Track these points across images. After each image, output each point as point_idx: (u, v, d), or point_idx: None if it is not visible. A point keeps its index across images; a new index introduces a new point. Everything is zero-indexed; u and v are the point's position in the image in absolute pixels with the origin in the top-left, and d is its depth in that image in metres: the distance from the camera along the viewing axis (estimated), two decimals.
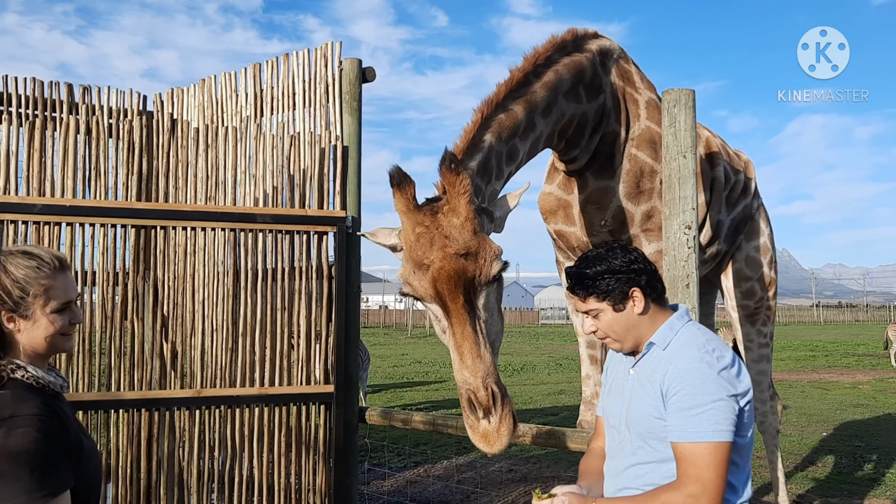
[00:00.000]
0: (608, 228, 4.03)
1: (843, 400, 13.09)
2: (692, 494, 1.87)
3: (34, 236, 4.01)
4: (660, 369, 2.01)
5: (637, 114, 4.03)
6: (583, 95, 3.72)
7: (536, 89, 3.40)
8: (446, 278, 2.56)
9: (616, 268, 2.06)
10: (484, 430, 2.45)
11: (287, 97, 4.96)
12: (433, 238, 2.63)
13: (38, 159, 4.07)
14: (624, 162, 3.96)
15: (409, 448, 8.37)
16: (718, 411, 1.89)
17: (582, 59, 3.69)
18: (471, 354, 2.50)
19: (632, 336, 2.10)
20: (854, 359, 22.75)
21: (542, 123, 3.46)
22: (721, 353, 1.98)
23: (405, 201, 2.70)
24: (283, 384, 4.39)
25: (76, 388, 4.08)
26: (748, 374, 2.02)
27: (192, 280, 4.30)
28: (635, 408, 2.06)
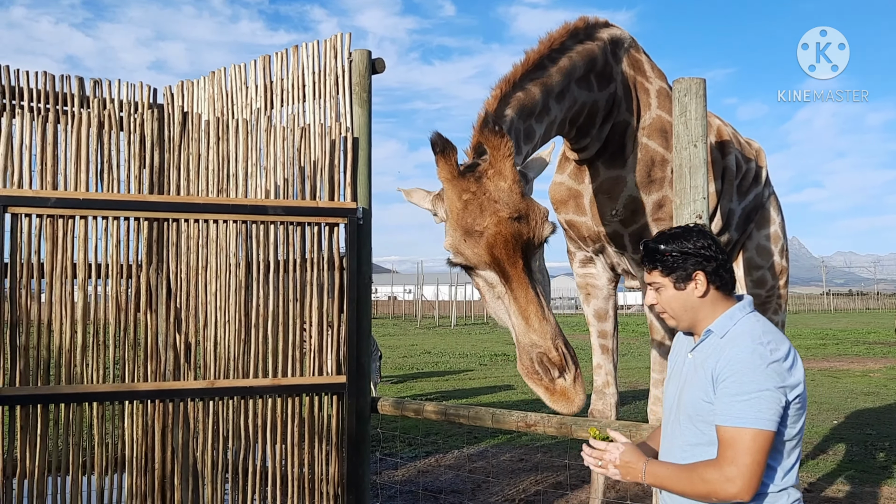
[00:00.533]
0: (619, 218, 4.04)
1: (853, 388, 13.06)
2: (728, 476, 1.95)
3: (48, 229, 4.04)
4: (714, 356, 2.08)
5: (648, 103, 4.02)
6: (594, 84, 3.72)
7: (552, 73, 3.38)
8: (503, 243, 2.52)
9: (686, 249, 2.13)
10: (562, 388, 2.44)
11: (297, 89, 4.97)
12: (482, 204, 2.58)
13: (50, 153, 4.09)
14: (635, 151, 3.96)
15: (421, 438, 8.41)
16: (763, 400, 1.95)
17: (594, 48, 3.68)
18: (537, 317, 2.49)
19: (688, 316, 2.17)
20: (865, 347, 22.66)
21: (556, 108, 3.46)
22: (776, 345, 2.04)
23: (449, 168, 2.63)
24: (296, 375, 4.42)
25: (91, 379, 4.12)
26: (802, 368, 2.07)
27: (204, 272, 4.33)
28: (688, 391, 2.14)
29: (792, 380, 2.01)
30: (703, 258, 2.13)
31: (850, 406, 11.01)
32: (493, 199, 2.59)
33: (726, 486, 1.95)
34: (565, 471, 6.82)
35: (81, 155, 4.15)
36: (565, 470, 6.84)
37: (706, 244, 2.15)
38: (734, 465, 1.95)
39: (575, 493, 6.25)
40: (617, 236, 4.13)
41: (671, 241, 2.16)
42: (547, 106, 3.39)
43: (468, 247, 2.59)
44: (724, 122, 4.79)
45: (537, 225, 2.62)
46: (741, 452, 1.95)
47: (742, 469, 1.94)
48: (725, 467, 1.96)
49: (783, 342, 2.07)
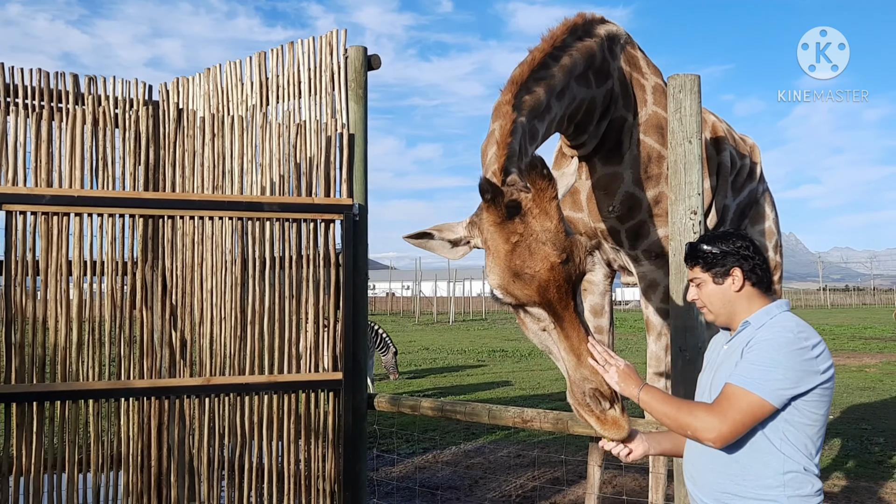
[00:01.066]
0: (616, 214, 4.04)
1: (849, 383, 13.09)
2: (712, 423, 2.12)
3: (43, 227, 4.04)
4: (747, 339, 2.24)
5: (644, 99, 4.02)
6: (592, 80, 3.72)
7: (555, 72, 3.39)
8: (556, 287, 2.56)
9: (726, 248, 2.31)
10: (613, 418, 2.49)
11: (292, 85, 4.96)
12: (531, 246, 2.59)
13: (45, 150, 4.08)
14: (632, 147, 3.96)
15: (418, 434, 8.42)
16: (773, 372, 2.09)
17: (592, 45, 3.68)
18: (588, 354, 2.53)
19: (726, 311, 2.33)
20: (861, 342, 22.72)
21: (556, 106, 3.46)
22: (809, 337, 2.16)
23: (497, 214, 2.64)
24: (292, 372, 4.42)
25: (87, 376, 4.12)
26: (831, 363, 2.19)
27: (200, 269, 4.32)
28: (719, 374, 2.29)
29: (817, 368, 2.13)
30: (740, 256, 2.29)
31: (846, 401, 11.04)
32: (540, 240, 2.59)
33: (707, 430, 2.12)
34: (562, 466, 6.84)
35: (76, 152, 4.14)
36: (562, 466, 6.85)
37: (744, 245, 2.31)
38: (722, 415, 2.11)
39: (572, 489, 6.26)
40: (614, 232, 4.14)
41: (713, 242, 2.34)
42: (549, 105, 3.39)
43: (518, 288, 2.60)
44: (718, 119, 4.79)
45: (581, 262, 2.63)
46: (733, 408, 2.10)
47: (727, 422, 2.10)
48: (714, 414, 2.12)
49: (815, 336, 2.19)
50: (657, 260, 4.04)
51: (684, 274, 3.24)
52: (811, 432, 2.19)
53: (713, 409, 2.14)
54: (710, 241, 2.36)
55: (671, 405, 2.24)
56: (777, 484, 2.15)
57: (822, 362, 2.15)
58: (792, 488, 2.15)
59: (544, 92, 3.30)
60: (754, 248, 2.33)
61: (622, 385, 2.35)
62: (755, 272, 2.30)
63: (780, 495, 2.15)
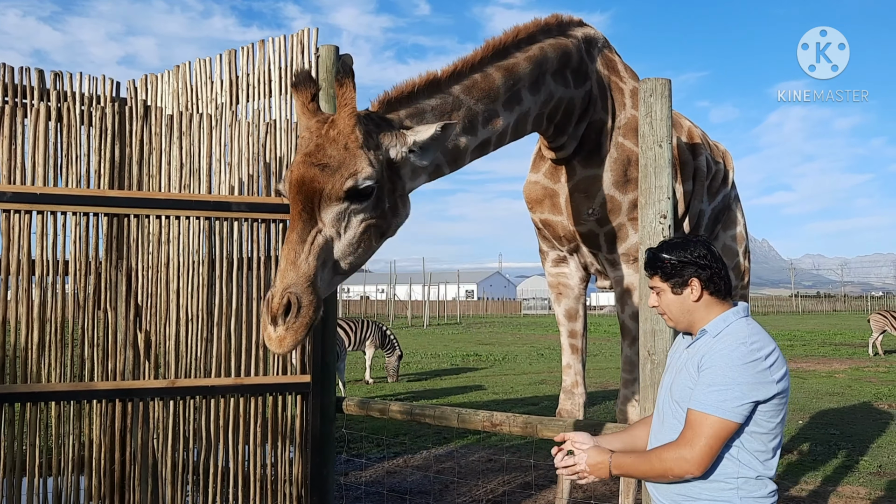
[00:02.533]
0: (595, 217, 4.03)
1: (818, 388, 13.25)
2: (683, 455, 2.15)
3: (3, 224, 3.94)
4: (703, 351, 2.27)
5: (623, 102, 4.03)
6: (570, 80, 3.72)
7: (519, 60, 3.37)
8: (296, 184, 2.57)
9: (684, 258, 2.32)
10: (268, 335, 2.47)
11: (263, 84, 4.90)
12: (306, 145, 2.64)
13: (7, 146, 4.00)
14: (611, 150, 3.97)
15: (388, 438, 8.36)
16: (729, 392, 2.12)
17: (567, 44, 3.68)
18: (286, 260, 2.50)
19: (685, 319, 2.37)
20: (831, 348, 23.03)
21: (529, 100, 3.44)
22: (759, 346, 2.18)
23: (300, 105, 2.73)
24: (259, 374, 4.36)
25: (48, 378, 4.03)
26: (785, 369, 2.21)
27: (166, 269, 4.25)
28: (679, 379, 2.34)
29: (771, 378, 2.15)
30: (698, 266, 2.31)
31: (815, 406, 11.16)
32: (317, 142, 2.61)
33: (680, 464, 2.15)
34: (533, 471, 6.82)
35: (39, 148, 4.06)
36: (533, 470, 6.84)
37: (702, 254, 2.32)
38: (689, 445, 2.14)
39: (542, 494, 6.25)
40: (592, 235, 4.13)
41: (671, 251, 2.35)
42: (517, 95, 3.37)
43: (284, 180, 2.68)
44: (693, 125, 4.82)
45: (340, 177, 2.57)
46: (699, 435, 2.14)
47: (696, 450, 2.14)
48: (682, 447, 2.16)
49: (769, 344, 2.21)
50: (634, 264, 4.04)
51: None
52: (766, 440, 2.21)
53: (680, 443, 2.17)
54: (670, 249, 2.37)
55: (642, 460, 2.27)
56: (730, 487, 2.19)
57: (776, 371, 2.17)
58: (746, 490, 2.20)
59: (501, 76, 3.28)
60: (712, 257, 2.34)
61: (601, 475, 2.30)
62: (713, 281, 2.32)
63: (734, 496, 2.19)
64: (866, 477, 6.95)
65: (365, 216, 2.68)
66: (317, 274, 2.54)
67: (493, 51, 3.31)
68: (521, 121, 3.47)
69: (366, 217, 2.68)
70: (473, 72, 3.21)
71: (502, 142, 3.42)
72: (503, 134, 3.38)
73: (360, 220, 2.67)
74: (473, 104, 3.17)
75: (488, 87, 3.23)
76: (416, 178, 2.97)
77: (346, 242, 2.65)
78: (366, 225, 2.68)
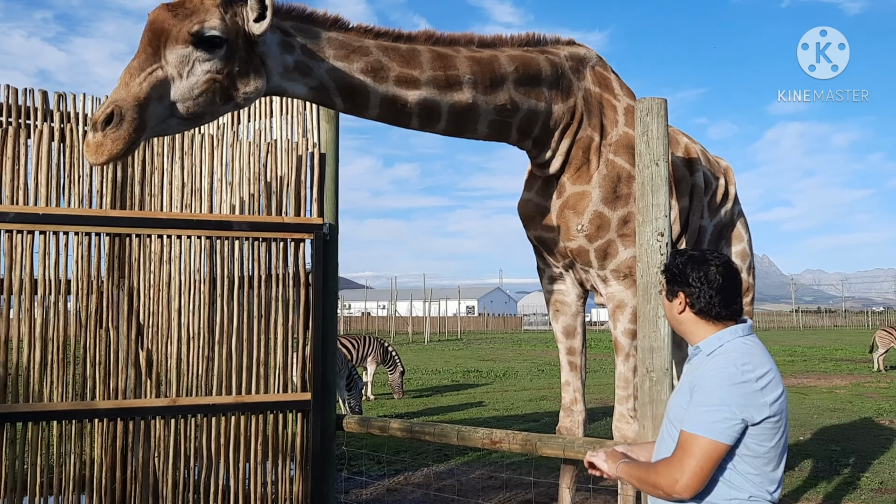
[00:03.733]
0: (585, 233, 4.07)
1: (820, 404, 13.22)
2: (673, 476, 2.17)
3: (6, 244, 3.98)
4: (697, 370, 2.29)
5: (615, 119, 4.08)
6: (546, 94, 3.82)
7: (460, 56, 3.56)
8: (149, 23, 2.83)
9: (682, 270, 2.35)
10: (87, 143, 2.76)
11: (264, 104, 4.95)
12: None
13: (10, 167, 4.04)
14: (601, 167, 4.01)
15: (389, 456, 8.34)
16: (719, 413, 2.13)
17: (537, 58, 3.81)
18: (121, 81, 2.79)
19: (675, 326, 2.43)
20: (832, 364, 22.98)
21: (476, 97, 3.58)
22: (752, 367, 2.18)
23: None
24: (260, 392, 4.37)
25: (50, 397, 4.04)
26: (779, 390, 2.20)
27: (167, 288, 4.28)
28: (675, 397, 2.38)
29: (762, 400, 2.14)
30: (687, 284, 2.33)
31: (816, 422, 11.14)
32: None
33: (670, 484, 2.16)
34: (533, 488, 6.81)
35: (42, 169, 4.10)
36: (533, 487, 6.82)
37: (697, 276, 2.32)
38: (680, 466, 2.15)
39: None
40: (583, 252, 4.16)
41: (677, 258, 2.39)
42: (455, 82, 3.51)
43: None
44: (692, 140, 4.85)
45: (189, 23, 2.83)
46: (689, 456, 2.15)
47: (686, 472, 2.14)
48: (673, 468, 2.17)
49: (763, 365, 2.20)
50: (625, 280, 4.07)
51: (651, 295, 3.27)
52: (760, 463, 2.20)
53: (671, 463, 2.19)
54: (679, 257, 2.40)
55: (640, 469, 2.31)
56: None
57: (768, 393, 2.16)
58: None
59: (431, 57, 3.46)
60: (706, 280, 2.32)
61: (608, 462, 2.44)
62: (699, 301, 2.32)
63: None
64: (868, 493, 6.93)
65: (210, 68, 2.92)
66: (148, 102, 2.80)
67: (435, 38, 3.56)
68: (465, 114, 3.60)
69: (210, 69, 2.92)
70: (400, 41, 3.45)
71: (434, 120, 3.57)
72: (430, 109, 3.50)
73: (204, 71, 2.91)
74: (385, 60, 3.35)
75: (409, 57, 3.42)
76: (290, 77, 3.20)
77: (187, 86, 2.89)
78: (209, 77, 2.92)
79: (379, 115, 3.46)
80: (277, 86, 3.17)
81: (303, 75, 3.19)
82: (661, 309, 3.25)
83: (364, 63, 3.29)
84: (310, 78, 3.21)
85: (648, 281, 3.27)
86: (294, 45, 3.12)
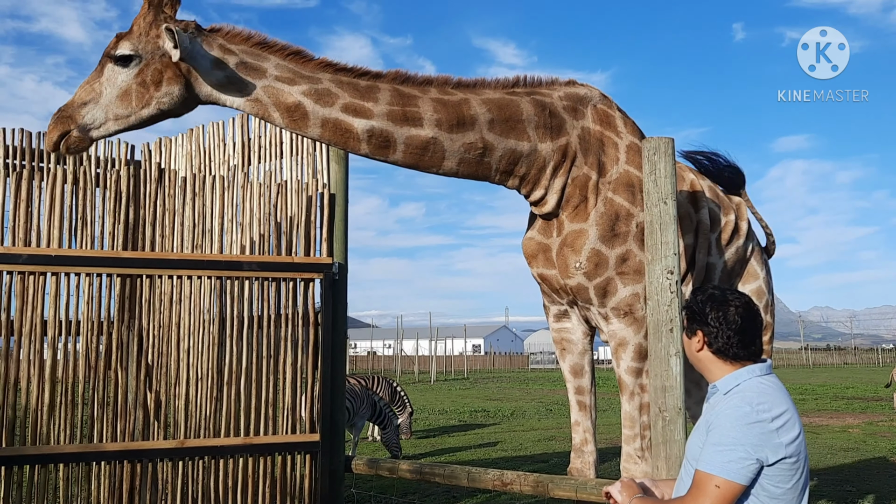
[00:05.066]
0: (583, 271, 4.07)
1: (832, 444, 13.04)
2: None
3: (18, 286, 4.00)
4: (714, 409, 2.29)
5: (616, 157, 4.10)
6: (530, 134, 3.91)
7: (427, 98, 3.75)
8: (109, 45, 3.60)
9: (702, 309, 2.35)
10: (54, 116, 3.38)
11: (274, 146, 5.01)
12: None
13: (24, 209, 4.08)
14: (598, 205, 4.03)
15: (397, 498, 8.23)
16: (733, 453, 2.13)
17: (517, 101, 3.92)
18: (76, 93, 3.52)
19: (694, 363, 2.43)
20: (843, 402, 22.71)
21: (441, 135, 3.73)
22: (767, 407, 2.18)
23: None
24: (269, 433, 4.34)
25: (57, 439, 4.02)
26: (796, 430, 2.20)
27: (177, 328, 4.28)
28: (693, 436, 2.39)
29: (778, 440, 2.14)
30: (705, 323, 2.34)
31: (829, 462, 10.98)
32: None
33: None
34: None
35: (55, 211, 4.14)
36: None
37: (716, 316, 2.32)
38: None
39: None
40: (582, 289, 4.15)
41: (697, 296, 2.40)
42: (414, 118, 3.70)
43: None
44: (699, 176, 4.83)
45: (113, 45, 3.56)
46: (703, 495, 2.15)
47: None
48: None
49: (779, 405, 2.20)
50: (626, 318, 4.05)
51: (662, 333, 3.26)
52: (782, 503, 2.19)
53: (685, 501, 2.19)
54: (699, 295, 2.41)
55: None
56: None
57: (784, 433, 2.16)
58: None
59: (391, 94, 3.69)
60: (724, 320, 2.33)
61: (623, 494, 2.44)
62: (717, 341, 2.32)
63: None
64: None
65: (125, 79, 3.56)
66: (87, 104, 3.53)
67: (404, 77, 3.80)
68: (426, 148, 3.74)
69: (126, 80, 3.56)
70: (365, 77, 3.75)
71: (388, 150, 3.73)
72: (382, 138, 3.69)
73: (122, 80, 3.56)
74: (335, 89, 3.67)
75: (366, 90, 3.70)
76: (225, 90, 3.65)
77: (112, 94, 3.55)
78: (126, 86, 3.55)
79: (322, 135, 3.73)
80: (210, 95, 3.68)
81: (238, 90, 3.66)
82: (672, 347, 3.24)
83: (308, 87, 3.67)
84: (244, 93, 3.66)
85: (659, 319, 3.27)
86: (227, 64, 3.61)
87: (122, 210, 4.31)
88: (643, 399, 3.98)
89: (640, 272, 3.97)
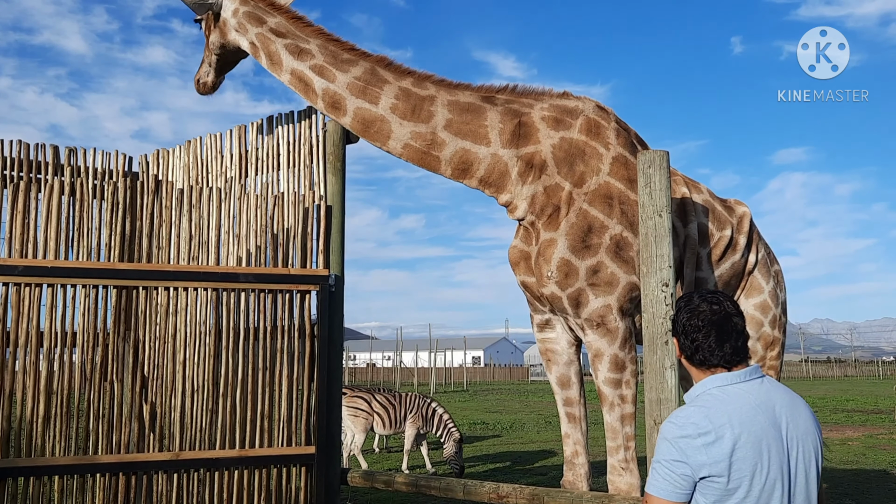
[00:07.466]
0: (555, 280, 4.06)
1: (832, 457, 12.99)
2: None
3: (14, 297, 4.00)
4: None
5: (597, 168, 4.09)
6: (491, 139, 4.10)
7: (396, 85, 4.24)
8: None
9: (675, 317, 2.35)
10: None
11: (272, 158, 5.02)
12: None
13: (20, 221, 4.08)
14: (570, 215, 4.02)
15: None
16: (657, 470, 2.11)
17: (483, 106, 4.15)
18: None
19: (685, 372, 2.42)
20: (844, 415, 22.64)
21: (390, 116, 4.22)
22: (696, 420, 2.08)
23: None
24: (264, 446, 4.33)
25: (53, 451, 4.01)
26: (729, 447, 2.05)
27: (173, 340, 4.28)
28: None
29: (702, 458, 2.03)
30: (675, 329, 2.33)
31: (829, 475, 10.92)
32: None
33: None
34: None
35: (52, 222, 4.14)
36: None
37: (683, 322, 2.29)
38: None
39: None
40: (556, 298, 4.14)
41: (678, 303, 2.36)
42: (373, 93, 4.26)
43: None
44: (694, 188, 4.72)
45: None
46: None
47: None
48: None
49: (715, 421, 2.07)
50: (599, 329, 4.02)
51: (658, 346, 3.26)
52: None
53: None
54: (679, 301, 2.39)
55: None
56: None
57: (712, 451, 2.04)
58: None
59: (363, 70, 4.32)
60: (689, 326, 2.28)
61: None
62: (689, 349, 2.28)
63: None
64: None
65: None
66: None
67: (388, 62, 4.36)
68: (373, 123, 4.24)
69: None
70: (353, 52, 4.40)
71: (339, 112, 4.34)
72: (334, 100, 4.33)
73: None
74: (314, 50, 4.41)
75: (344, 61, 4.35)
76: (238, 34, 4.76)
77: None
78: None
79: (290, 81, 4.46)
80: (234, 39, 4.75)
81: (243, 33, 4.67)
82: (667, 360, 3.24)
83: (291, 42, 4.47)
84: (248, 35, 4.63)
85: (654, 332, 3.27)
86: (240, 11, 4.68)
87: (119, 221, 4.31)
88: (624, 410, 3.98)
89: (611, 284, 3.97)
